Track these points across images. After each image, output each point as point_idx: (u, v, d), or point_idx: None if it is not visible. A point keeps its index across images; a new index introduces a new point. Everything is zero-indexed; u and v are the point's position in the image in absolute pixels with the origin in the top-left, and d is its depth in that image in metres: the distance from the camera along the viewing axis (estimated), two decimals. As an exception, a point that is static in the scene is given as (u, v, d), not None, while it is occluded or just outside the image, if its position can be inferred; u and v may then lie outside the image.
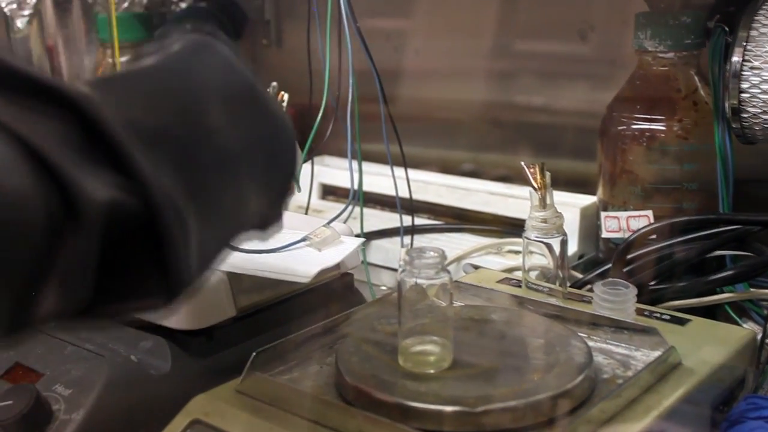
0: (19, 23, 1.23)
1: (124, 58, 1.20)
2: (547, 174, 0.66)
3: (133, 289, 0.39)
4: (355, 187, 0.81)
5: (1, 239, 0.32)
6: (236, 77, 0.47)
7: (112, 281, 0.38)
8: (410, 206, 0.87)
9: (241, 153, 0.44)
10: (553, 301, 0.65)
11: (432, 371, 0.54)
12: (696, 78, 0.80)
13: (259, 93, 0.48)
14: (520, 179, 1.02)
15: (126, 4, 1.22)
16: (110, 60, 1.20)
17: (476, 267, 0.87)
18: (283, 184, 0.49)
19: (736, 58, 0.72)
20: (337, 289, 0.74)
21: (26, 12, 1.22)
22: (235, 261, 0.65)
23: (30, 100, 0.36)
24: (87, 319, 0.39)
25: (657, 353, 0.56)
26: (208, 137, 0.42)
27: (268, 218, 0.49)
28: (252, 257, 0.67)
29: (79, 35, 1.28)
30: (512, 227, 0.97)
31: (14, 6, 1.21)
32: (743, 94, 0.72)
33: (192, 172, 0.41)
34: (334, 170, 1.12)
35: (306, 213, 0.94)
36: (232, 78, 0.46)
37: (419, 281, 0.54)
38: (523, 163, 0.66)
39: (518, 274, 0.74)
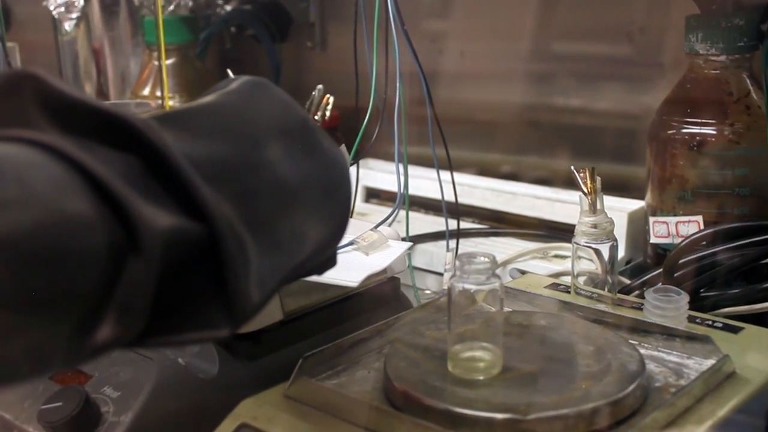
0: (67, 26, 1.24)
1: (170, 61, 1.20)
2: (598, 179, 0.65)
3: (193, 319, 0.39)
4: (402, 190, 0.81)
5: (63, 267, 0.33)
6: (291, 114, 0.48)
7: (171, 313, 0.38)
8: (456, 210, 0.86)
9: (297, 188, 0.45)
10: (602, 307, 0.65)
11: (481, 377, 0.53)
12: (748, 81, 0.79)
13: (312, 130, 0.48)
14: (559, 181, 1.03)
15: (172, 7, 1.23)
16: (156, 63, 1.21)
17: (522, 272, 0.87)
18: (339, 218, 0.49)
19: (790, 61, 0.70)
20: (383, 293, 0.73)
21: (74, 15, 1.24)
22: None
23: (91, 135, 0.36)
24: (142, 347, 0.39)
25: (711, 362, 0.56)
26: (265, 171, 0.43)
27: (324, 253, 0.49)
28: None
29: (125, 38, 1.29)
30: (556, 231, 0.97)
31: (62, 9, 1.23)
32: (798, 98, 0.71)
33: (250, 204, 0.41)
34: (378, 173, 1.11)
35: (351, 216, 0.94)
36: (286, 115, 0.47)
37: (468, 286, 0.53)
38: (573, 167, 0.66)
39: (565, 279, 0.73)
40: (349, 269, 0.66)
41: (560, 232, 0.95)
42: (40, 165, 0.34)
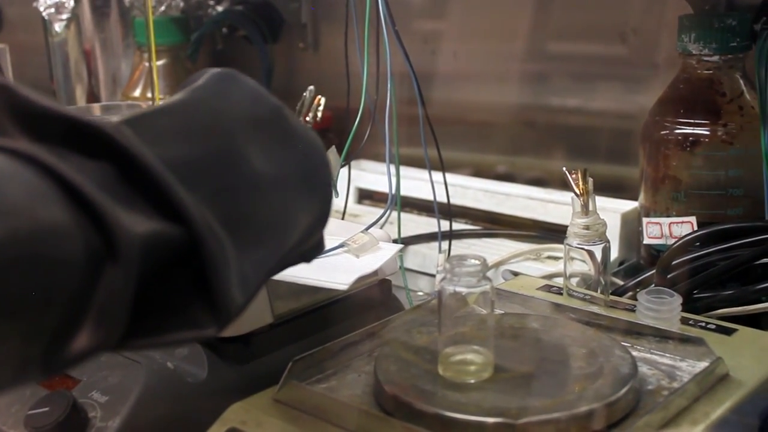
0: (57, 27, 1.24)
1: (161, 62, 1.20)
2: (590, 180, 0.65)
3: (177, 320, 0.39)
4: (394, 191, 0.80)
5: (39, 275, 0.32)
6: (262, 104, 0.47)
7: (154, 315, 0.38)
8: (448, 211, 0.86)
9: (276, 177, 0.45)
10: (595, 309, 0.64)
11: (473, 381, 0.53)
12: (741, 82, 0.78)
13: (286, 117, 0.48)
14: (555, 182, 1.03)
15: (163, 8, 1.23)
16: (147, 64, 1.20)
17: (515, 273, 0.86)
18: (322, 203, 0.49)
19: (784, 61, 0.70)
20: (374, 296, 0.73)
21: (64, 16, 1.23)
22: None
23: (64, 143, 0.36)
24: (125, 351, 0.40)
25: (704, 364, 0.55)
26: (240, 165, 0.43)
27: (310, 240, 0.48)
28: (289, 263, 0.66)
29: (116, 39, 1.28)
30: (550, 232, 0.96)
31: (52, 10, 1.22)
32: (791, 98, 0.70)
33: (228, 201, 0.41)
34: (370, 174, 1.11)
35: (342, 218, 0.93)
36: (258, 105, 0.47)
37: (459, 289, 0.53)
38: (564, 168, 0.65)
39: (558, 281, 0.73)
40: (339, 272, 0.66)
41: (554, 233, 0.95)
42: (13, 173, 0.34)
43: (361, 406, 0.53)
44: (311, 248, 0.49)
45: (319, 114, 1.01)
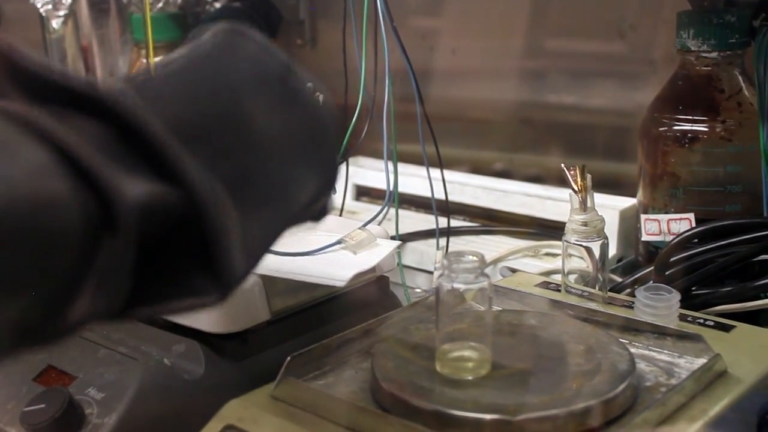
0: (55, 23, 1.23)
1: (158, 58, 1.19)
2: (588, 176, 0.65)
3: (179, 289, 0.38)
4: (391, 188, 0.80)
5: (36, 246, 0.32)
6: (270, 61, 0.45)
7: (155, 282, 0.37)
8: (446, 208, 0.86)
9: (282, 138, 0.43)
10: (593, 305, 0.64)
11: (470, 377, 0.53)
12: (740, 78, 0.78)
13: (295, 74, 0.46)
14: (552, 179, 1.02)
15: (160, 5, 1.22)
16: (144, 60, 1.20)
17: (513, 270, 0.86)
18: (330, 165, 0.47)
19: (782, 57, 0.70)
20: (372, 293, 0.73)
21: (61, 12, 1.23)
22: (269, 264, 0.64)
23: (64, 106, 0.35)
24: (125, 321, 0.38)
25: (702, 361, 0.55)
26: (246, 125, 0.42)
27: (318, 203, 0.47)
28: (287, 260, 0.66)
29: (113, 35, 1.28)
30: (548, 229, 0.96)
31: (50, 6, 1.22)
32: (790, 95, 0.70)
33: (232, 162, 0.40)
34: (368, 171, 1.11)
35: (340, 214, 0.93)
36: (266, 62, 0.45)
37: (457, 286, 0.52)
38: (563, 165, 0.65)
39: (556, 278, 0.73)
40: (337, 268, 0.66)
41: (552, 230, 0.95)
42: (6, 138, 0.32)
43: (358, 402, 0.53)
44: (318, 211, 0.49)
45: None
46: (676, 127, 0.78)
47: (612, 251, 0.87)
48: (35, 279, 0.32)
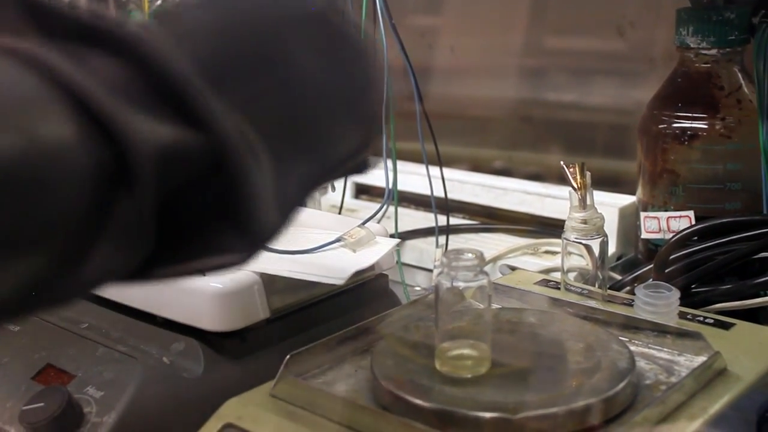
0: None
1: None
2: (587, 174, 0.64)
3: (203, 247, 0.35)
4: (390, 186, 0.80)
5: (42, 198, 0.29)
6: None
7: (178, 239, 0.34)
8: (445, 206, 0.86)
9: (325, 82, 0.40)
10: (592, 303, 0.64)
11: (469, 376, 0.53)
12: (740, 75, 0.78)
13: (338, 13, 0.42)
14: (552, 176, 1.02)
15: (159, 2, 1.22)
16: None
17: (512, 268, 0.86)
18: (371, 115, 0.43)
19: (782, 54, 0.70)
20: (371, 291, 0.73)
21: (60, 10, 1.22)
22: (268, 262, 0.64)
23: (83, 45, 0.32)
24: (146, 281, 0.35)
25: (702, 359, 0.55)
26: (284, 66, 0.38)
27: (357, 156, 0.43)
28: (286, 258, 0.66)
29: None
30: (548, 227, 0.96)
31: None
32: (790, 92, 0.70)
33: (268, 107, 0.37)
34: (368, 169, 1.10)
35: (339, 212, 0.93)
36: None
37: (456, 284, 0.52)
38: (562, 162, 0.65)
39: (556, 276, 0.73)
40: (336, 266, 0.65)
41: (551, 227, 0.95)
42: (11, 79, 0.30)
43: (357, 401, 0.53)
44: (359, 165, 0.45)
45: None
46: (675, 125, 0.78)
47: (611, 249, 0.87)
48: (43, 234, 0.30)
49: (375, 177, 1.08)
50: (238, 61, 0.36)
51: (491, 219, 1.03)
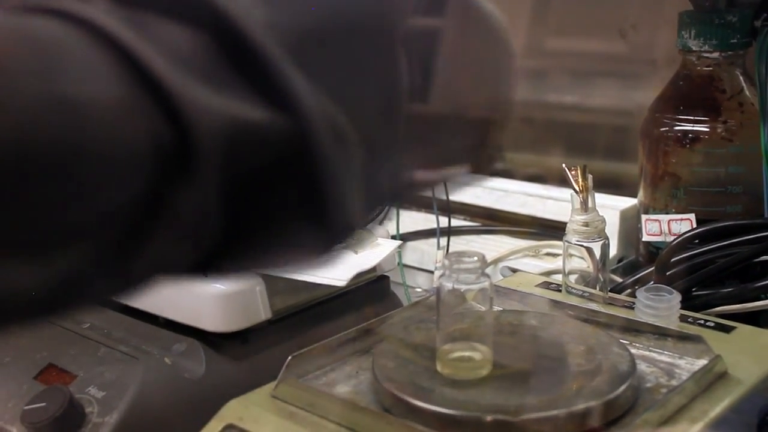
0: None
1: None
2: (589, 176, 0.65)
3: (275, 240, 0.32)
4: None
5: (91, 180, 0.25)
6: None
7: (248, 229, 0.31)
8: (447, 207, 0.86)
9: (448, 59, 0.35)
10: (593, 306, 0.64)
11: (471, 378, 0.53)
12: (741, 78, 0.78)
13: None
14: (553, 179, 1.02)
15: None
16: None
17: (514, 270, 0.86)
18: (497, 101, 0.38)
19: (784, 58, 0.70)
20: (373, 292, 0.73)
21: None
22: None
23: (154, 10, 0.29)
24: (209, 276, 0.32)
25: (702, 362, 0.55)
26: (385, 45, 0.33)
27: (473, 152, 0.38)
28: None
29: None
30: (549, 229, 0.96)
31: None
32: (791, 95, 0.70)
33: (361, 88, 0.32)
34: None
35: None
36: None
37: (458, 286, 0.52)
38: (564, 165, 0.65)
39: (557, 278, 0.73)
40: (337, 268, 0.66)
41: (552, 229, 0.95)
42: (68, 48, 0.26)
43: (358, 402, 0.53)
44: (483, 157, 0.40)
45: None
46: (677, 128, 0.78)
47: (612, 251, 0.87)
48: (92, 221, 0.26)
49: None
50: (330, 31, 0.31)
51: (492, 221, 1.03)
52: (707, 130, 0.77)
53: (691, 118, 0.78)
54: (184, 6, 0.29)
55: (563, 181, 0.67)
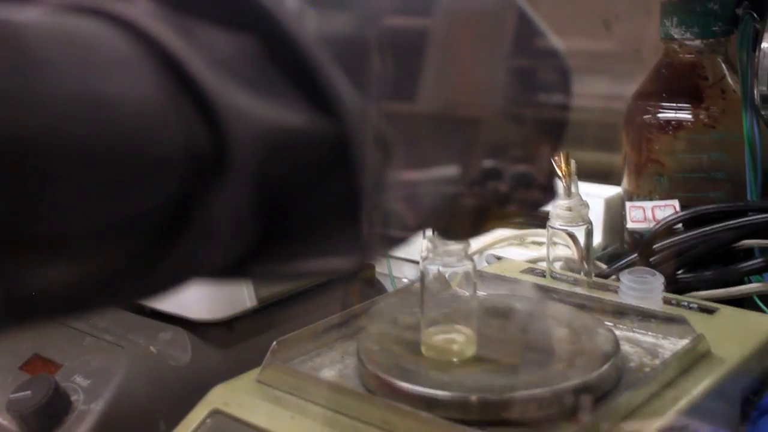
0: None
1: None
2: (572, 162, 0.65)
3: (308, 248, 0.31)
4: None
5: (122, 181, 0.25)
6: None
7: (282, 235, 0.30)
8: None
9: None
10: (578, 290, 0.64)
11: (455, 360, 0.53)
12: (723, 66, 0.79)
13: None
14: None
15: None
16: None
17: (499, 258, 0.86)
18: (562, 124, 0.37)
19: (766, 44, 0.70)
20: (359, 282, 0.73)
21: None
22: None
23: (197, 11, 0.28)
24: (238, 280, 0.33)
25: (685, 341, 0.55)
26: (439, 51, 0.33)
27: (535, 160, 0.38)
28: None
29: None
30: (534, 218, 0.96)
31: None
32: (773, 81, 0.70)
33: (410, 96, 0.32)
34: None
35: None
36: None
37: (442, 269, 0.53)
38: (546, 150, 0.65)
39: (542, 265, 0.73)
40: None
41: (538, 218, 0.95)
42: (107, 47, 0.26)
43: (344, 385, 0.53)
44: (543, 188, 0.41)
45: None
46: (660, 115, 0.79)
47: (597, 240, 0.87)
48: (123, 221, 0.26)
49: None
50: (364, 37, 0.31)
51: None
52: (690, 117, 0.78)
53: (674, 105, 0.78)
54: (230, 8, 0.29)
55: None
